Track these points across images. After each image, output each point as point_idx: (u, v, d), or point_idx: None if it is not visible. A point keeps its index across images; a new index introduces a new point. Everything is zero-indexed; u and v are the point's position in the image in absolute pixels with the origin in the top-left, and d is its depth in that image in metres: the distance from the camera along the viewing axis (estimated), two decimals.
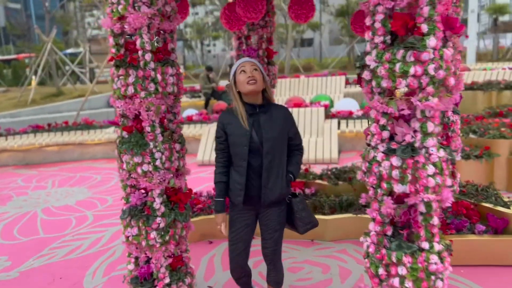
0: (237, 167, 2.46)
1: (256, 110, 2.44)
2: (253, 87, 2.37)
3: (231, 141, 2.46)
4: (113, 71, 2.58)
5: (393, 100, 1.94)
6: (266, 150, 2.39)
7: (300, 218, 2.52)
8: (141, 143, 2.59)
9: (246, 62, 2.44)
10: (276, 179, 2.43)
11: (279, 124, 2.44)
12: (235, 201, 2.49)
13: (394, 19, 1.88)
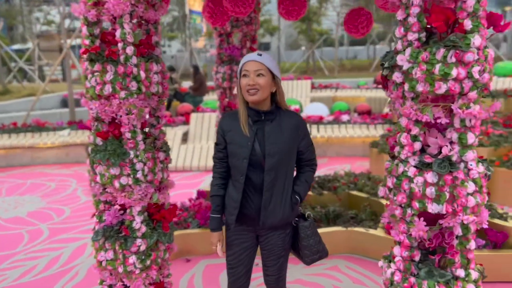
0: (235, 181, 2.10)
1: (261, 117, 2.05)
2: (253, 97, 2.00)
3: (230, 151, 2.09)
4: (86, 66, 2.18)
5: (429, 107, 1.68)
6: (269, 166, 2.02)
7: (307, 246, 2.14)
8: (119, 152, 2.19)
9: (251, 63, 2.00)
10: (278, 202, 2.07)
11: (288, 136, 2.05)
12: (228, 220, 2.14)
13: (433, 13, 1.62)
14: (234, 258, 2.20)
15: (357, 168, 6.34)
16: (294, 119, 2.09)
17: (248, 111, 2.06)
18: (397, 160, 1.81)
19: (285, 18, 3.31)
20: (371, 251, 3.42)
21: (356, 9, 3.33)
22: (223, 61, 3.65)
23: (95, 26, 2.18)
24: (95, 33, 2.19)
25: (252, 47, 3.65)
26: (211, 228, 2.18)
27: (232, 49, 3.55)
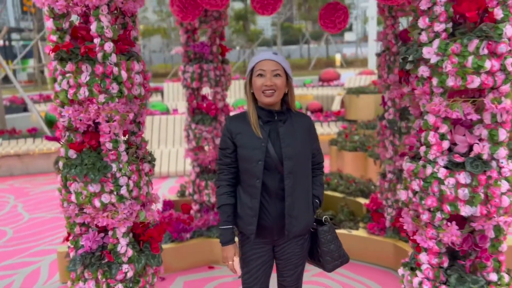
0: (248, 187, 1.91)
1: (274, 117, 1.90)
2: (269, 99, 1.85)
3: (242, 155, 1.91)
4: (55, 67, 1.85)
5: (458, 103, 1.57)
6: (289, 169, 1.86)
7: (328, 252, 1.99)
8: (99, 165, 1.88)
9: (268, 62, 1.86)
10: (303, 206, 1.93)
11: (303, 138, 1.93)
12: (246, 231, 1.93)
13: (465, 1, 1.50)
14: (251, 276, 2.00)
15: None
16: (305, 120, 1.98)
17: (259, 111, 1.91)
18: (422, 161, 1.68)
19: (259, 12, 3.11)
20: (356, 253, 3.33)
21: (332, 3, 3.21)
22: (191, 59, 3.38)
23: (64, 19, 1.86)
24: (64, 27, 1.86)
25: (221, 44, 3.41)
26: (224, 241, 1.94)
27: (201, 46, 3.29)
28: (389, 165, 3.27)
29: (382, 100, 3.32)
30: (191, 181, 3.59)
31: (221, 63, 3.40)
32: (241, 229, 1.97)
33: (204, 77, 3.34)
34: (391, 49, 3.11)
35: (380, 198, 3.48)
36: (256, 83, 1.86)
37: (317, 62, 26.93)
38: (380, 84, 3.27)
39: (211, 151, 3.49)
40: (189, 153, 3.55)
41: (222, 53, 3.44)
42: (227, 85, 3.47)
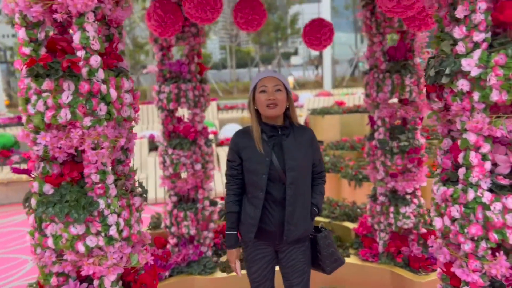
0: (252, 198, 2.05)
1: (277, 132, 2.05)
2: (272, 112, 1.99)
3: (247, 168, 2.04)
4: (28, 85, 1.53)
5: (501, 119, 1.43)
6: (290, 180, 2.01)
7: (328, 256, 2.16)
8: (84, 202, 1.57)
9: (269, 79, 2.02)
10: (302, 214, 2.07)
11: (305, 150, 2.07)
12: (246, 237, 2.09)
13: (507, 8, 1.38)
14: (259, 274, 2.14)
15: None
16: (307, 133, 2.11)
17: (263, 127, 2.05)
18: (461, 185, 1.52)
19: (243, 28, 2.91)
20: (352, 282, 3.13)
21: (317, 20, 3.08)
22: (166, 79, 3.11)
23: (38, 28, 1.56)
24: (39, 38, 1.56)
25: (200, 63, 3.17)
26: (229, 245, 2.12)
27: (178, 64, 3.03)
28: (380, 186, 3.12)
29: (370, 120, 3.20)
30: (168, 212, 3.27)
31: (199, 82, 3.16)
32: (242, 235, 2.11)
33: (182, 97, 3.08)
34: (379, 66, 3.01)
35: (370, 222, 3.32)
36: (260, 99, 2.00)
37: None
38: (369, 103, 3.16)
39: (190, 178, 3.20)
40: (165, 181, 3.24)
41: (200, 72, 3.20)
42: (206, 106, 3.23)
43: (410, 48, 2.99)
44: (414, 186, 3.05)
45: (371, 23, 3.00)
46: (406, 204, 3.06)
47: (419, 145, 3.02)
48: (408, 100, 3.04)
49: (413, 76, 2.95)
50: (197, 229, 3.23)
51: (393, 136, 3.06)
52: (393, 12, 1.96)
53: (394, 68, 2.96)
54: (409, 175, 3.06)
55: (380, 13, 2.93)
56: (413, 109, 3.01)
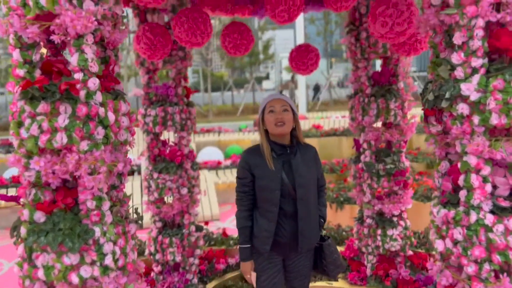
0: (266, 212, 2.18)
1: (286, 151, 2.20)
2: (280, 130, 2.14)
3: (260, 185, 2.18)
4: (21, 108, 1.47)
5: (500, 142, 1.46)
6: (300, 196, 2.16)
7: (332, 262, 2.33)
8: (79, 230, 1.50)
9: (276, 100, 2.19)
10: (312, 226, 2.24)
11: (311, 166, 2.24)
12: (262, 249, 2.21)
13: (503, 35, 1.43)
14: (269, 282, 2.25)
15: None
16: (311, 151, 2.30)
17: (272, 146, 2.18)
18: (462, 207, 1.53)
19: (231, 53, 2.92)
20: None
21: (303, 45, 3.13)
22: (153, 102, 3.07)
23: (34, 49, 1.51)
24: (33, 59, 1.51)
25: (186, 86, 3.15)
26: (243, 258, 2.24)
27: (165, 88, 3.00)
28: (367, 209, 3.14)
29: (356, 143, 3.23)
30: (152, 238, 3.17)
31: (186, 105, 3.13)
32: (257, 247, 2.22)
33: (168, 120, 3.03)
34: (364, 91, 3.06)
35: (357, 244, 3.32)
36: (269, 119, 2.16)
37: (244, 108, 27.31)
38: (354, 126, 3.20)
39: (175, 202, 3.13)
40: (150, 206, 3.15)
41: (187, 95, 3.17)
42: (192, 129, 3.19)
43: (394, 73, 3.06)
44: (400, 208, 3.08)
45: (356, 48, 3.07)
46: (393, 226, 3.08)
47: (404, 168, 3.06)
48: (392, 123, 3.10)
49: (397, 100, 3.01)
50: (183, 256, 3.14)
51: (379, 159, 3.10)
52: (385, 38, 2.01)
53: (379, 92, 3.02)
54: (395, 197, 3.09)
55: (365, 39, 3.00)
56: (398, 132, 3.06)
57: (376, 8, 2.05)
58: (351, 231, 3.76)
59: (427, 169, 6.28)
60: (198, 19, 2.36)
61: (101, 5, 1.51)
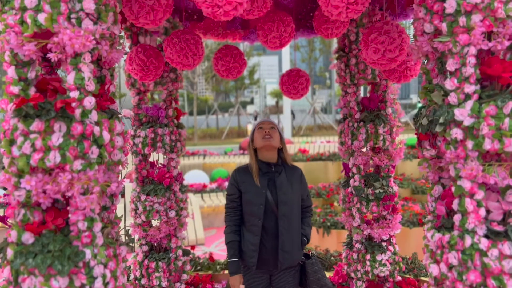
0: (251, 226, 2.34)
1: (271, 169, 2.40)
2: (267, 142, 2.37)
3: (246, 199, 2.36)
4: (14, 126, 1.44)
5: (493, 167, 1.49)
6: (282, 213, 2.32)
7: (315, 281, 2.40)
8: (69, 252, 1.45)
9: (265, 122, 2.48)
10: (293, 243, 2.36)
11: (295, 186, 2.40)
12: (249, 263, 2.35)
13: (495, 63, 1.47)
14: None
15: None
16: (297, 172, 2.47)
17: (260, 164, 2.40)
18: (457, 231, 1.54)
19: (223, 76, 2.94)
20: None
21: (294, 70, 3.17)
22: (142, 123, 3.05)
23: (29, 67, 1.49)
24: (29, 77, 1.49)
25: (176, 108, 3.14)
26: (232, 272, 2.34)
27: (155, 109, 2.98)
28: (356, 234, 3.13)
29: (345, 167, 3.25)
30: (138, 263, 3.09)
31: (176, 127, 3.12)
32: (245, 262, 2.34)
33: (158, 142, 3.01)
34: (354, 116, 3.10)
35: (346, 270, 3.29)
36: (257, 135, 2.41)
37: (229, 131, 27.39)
38: (343, 150, 3.22)
39: (163, 225, 3.07)
40: (136, 230, 3.08)
41: (177, 117, 3.16)
42: (182, 151, 3.17)
43: (383, 99, 3.12)
44: (389, 233, 3.08)
45: (345, 74, 3.12)
46: (382, 251, 3.07)
47: (393, 192, 3.08)
48: (380, 148, 3.13)
49: (386, 126, 3.05)
50: (169, 281, 3.07)
51: (367, 184, 3.11)
52: (377, 64, 2.05)
53: (368, 117, 3.06)
54: (384, 222, 3.10)
55: (354, 65, 3.06)
56: (387, 157, 3.10)
57: (368, 35, 2.10)
58: (340, 256, 3.74)
59: (412, 195, 6.34)
60: (190, 41, 2.38)
61: (99, 24, 1.51)
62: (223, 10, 1.58)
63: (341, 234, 4.85)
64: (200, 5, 1.62)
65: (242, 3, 1.62)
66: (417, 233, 4.59)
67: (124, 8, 2.00)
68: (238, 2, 1.59)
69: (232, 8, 1.58)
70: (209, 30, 3.20)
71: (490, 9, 1.46)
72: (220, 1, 1.55)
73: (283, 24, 2.49)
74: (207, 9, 1.60)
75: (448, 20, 1.53)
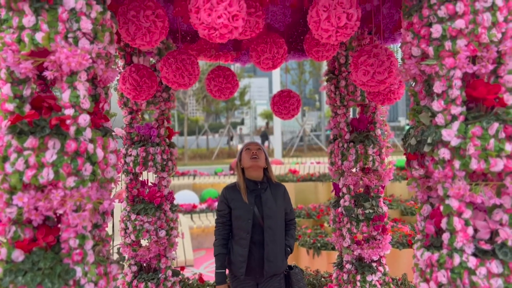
0: (240, 239, 2.56)
1: (257, 186, 2.64)
2: (254, 162, 2.62)
3: (235, 215, 2.58)
4: (8, 142, 1.45)
5: (480, 186, 1.52)
6: (268, 225, 2.56)
7: None
8: (60, 270, 1.44)
9: (252, 144, 2.75)
10: (278, 253, 2.59)
11: (279, 202, 2.66)
12: (237, 273, 2.55)
13: (480, 86, 1.53)
14: None
15: None
16: (280, 188, 2.74)
17: (247, 182, 2.65)
18: (446, 250, 1.56)
19: (215, 96, 2.98)
20: None
21: (286, 91, 3.22)
22: (134, 142, 3.05)
23: (25, 85, 1.51)
24: (24, 94, 1.51)
25: (168, 127, 3.16)
26: (218, 282, 2.55)
27: (147, 128, 3.00)
28: (347, 254, 3.13)
29: (335, 187, 3.27)
30: (127, 283, 3.05)
31: (168, 146, 3.13)
32: (234, 272, 2.57)
33: (149, 161, 3.01)
34: (343, 136, 3.15)
35: None
36: (245, 155, 2.67)
37: (219, 152, 27.39)
38: (333, 170, 3.25)
39: (152, 245, 3.04)
40: (125, 249, 3.05)
41: (169, 136, 3.18)
42: (173, 170, 3.17)
43: (372, 120, 3.17)
44: (379, 253, 3.09)
45: (335, 96, 3.18)
46: (372, 272, 3.07)
47: (382, 213, 3.10)
48: (370, 169, 3.17)
49: (375, 147, 3.10)
50: None
51: (357, 204, 3.14)
52: (367, 85, 2.11)
53: (357, 138, 3.11)
54: (374, 242, 3.11)
55: (344, 87, 3.12)
56: (376, 177, 3.13)
57: (358, 57, 2.16)
58: (330, 277, 3.73)
59: (402, 216, 6.37)
60: (186, 61, 2.42)
61: (96, 44, 1.54)
62: (219, 32, 1.62)
63: (332, 255, 4.84)
64: (197, 27, 1.66)
65: (238, 27, 1.66)
66: (407, 254, 4.60)
67: (121, 29, 2.03)
68: (233, 26, 1.63)
69: (227, 32, 1.62)
70: (202, 51, 3.26)
71: (474, 34, 1.53)
72: (216, 24, 1.60)
73: (276, 46, 2.54)
74: (204, 31, 1.64)
75: (435, 44, 1.58)
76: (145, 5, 2.06)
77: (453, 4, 1.54)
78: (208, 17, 1.63)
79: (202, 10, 1.64)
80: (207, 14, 1.63)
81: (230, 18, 1.63)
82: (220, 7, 1.62)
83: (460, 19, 1.53)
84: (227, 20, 1.62)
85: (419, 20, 1.65)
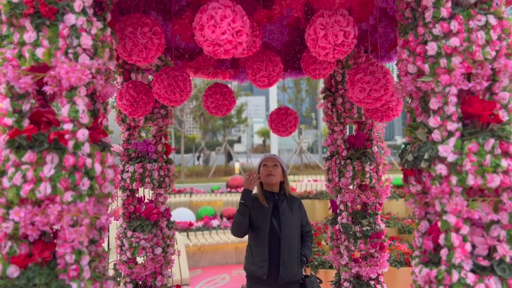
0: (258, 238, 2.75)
1: (275, 197, 2.86)
2: (269, 179, 2.87)
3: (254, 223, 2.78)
4: (6, 157, 1.45)
5: (477, 202, 1.53)
6: (285, 234, 2.74)
7: None
8: (54, 286, 1.43)
9: (269, 158, 2.94)
10: (293, 260, 2.75)
11: (296, 214, 2.86)
12: (259, 273, 2.70)
13: (475, 103, 1.55)
14: None
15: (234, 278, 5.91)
16: (296, 201, 2.95)
17: (265, 193, 2.88)
18: (444, 266, 1.56)
19: (212, 113, 3.00)
20: None
21: (283, 108, 3.25)
22: (131, 158, 3.05)
23: (24, 99, 1.52)
24: (23, 109, 1.51)
25: (166, 144, 3.17)
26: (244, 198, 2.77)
27: (145, 144, 3.00)
28: (345, 272, 3.11)
29: (333, 204, 3.27)
30: None
31: (165, 162, 3.12)
32: (255, 273, 2.73)
33: (146, 177, 3.01)
34: (340, 153, 3.16)
35: None
36: (262, 171, 2.91)
37: (216, 169, 27.34)
38: (330, 187, 3.25)
39: (148, 263, 3.01)
40: (121, 267, 3.02)
41: (166, 153, 3.18)
42: (170, 187, 3.16)
43: (369, 137, 3.19)
44: (377, 271, 3.07)
45: (332, 113, 3.21)
46: None
47: (380, 230, 3.09)
48: (367, 185, 3.17)
49: (372, 164, 3.11)
50: None
51: (355, 221, 3.13)
52: (363, 102, 2.13)
53: (354, 155, 3.12)
54: (372, 260, 3.09)
55: (340, 104, 3.15)
56: (373, 194, 3.13)
57: (355, 74, 2.19)
58: None
59: (399, 234, 6.34)
60: (178, 77, 2.43)
61: (96, 59, 1.55)
62: (224, 48, 1.65)
63: (329, 274, 4.80)
64: (202, 44, 1.69)
65: (242, 42, 1.69)
66: (405, 273, 4.57)
67: (118, 45, 2.05)
68: (238, 41, 1.66)
69: (232, 47, 1.65)
70: (200, 69, 3.29)
71: (469, 52, 1.55)
72: (221, 40, 1.62)
73: (272, 64, 2.57)
74: (209, 47, 1.67)
75: (430, 62, 1.61)
76: (142, 22, 2.09)
77: (447, 22, 1.58)
78: (213, 34, 1.65)
79: (206, 27, 1.67)
80: (211, 31, 1.65)
81: (234, 33, 1.66)
82: (223, 24, 1.64)
83: (455, 37, 1.56)
84: (231, 36, 1.65)
85: (414, 38, 1.67)
